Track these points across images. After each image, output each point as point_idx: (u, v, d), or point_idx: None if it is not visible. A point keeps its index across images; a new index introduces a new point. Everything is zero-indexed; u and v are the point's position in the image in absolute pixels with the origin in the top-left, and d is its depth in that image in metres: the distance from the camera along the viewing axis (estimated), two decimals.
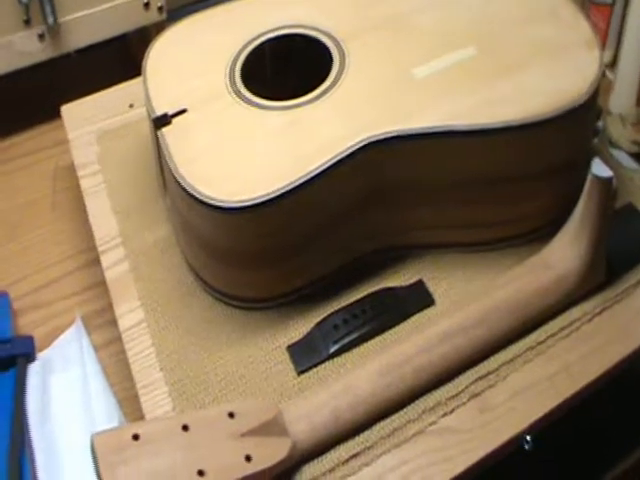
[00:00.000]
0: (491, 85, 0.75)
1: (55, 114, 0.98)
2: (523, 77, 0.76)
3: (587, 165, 0.70)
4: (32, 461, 0.74)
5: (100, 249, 0.83)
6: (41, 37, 1.00)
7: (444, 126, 0.72)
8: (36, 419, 0.76)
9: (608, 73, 1.01)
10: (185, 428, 0.61)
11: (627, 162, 0.92)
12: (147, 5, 1.05)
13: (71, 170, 0.92)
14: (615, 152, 0.92)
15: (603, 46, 1.03)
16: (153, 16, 1.07)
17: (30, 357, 0.82)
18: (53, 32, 1.00)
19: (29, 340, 0.83)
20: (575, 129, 0.77)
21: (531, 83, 0.75)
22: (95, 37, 1.05)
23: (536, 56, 0.77)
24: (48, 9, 0.97)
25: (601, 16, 1.01)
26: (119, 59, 1.13)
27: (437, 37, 0.80)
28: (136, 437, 0.59)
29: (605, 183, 0.70)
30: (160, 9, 1.07)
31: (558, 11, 0.82)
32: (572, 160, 0.79)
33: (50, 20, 0.98)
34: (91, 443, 0.59)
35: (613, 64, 1.01)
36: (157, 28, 1.08)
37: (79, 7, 1.01)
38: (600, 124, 0.95)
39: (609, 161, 0.88)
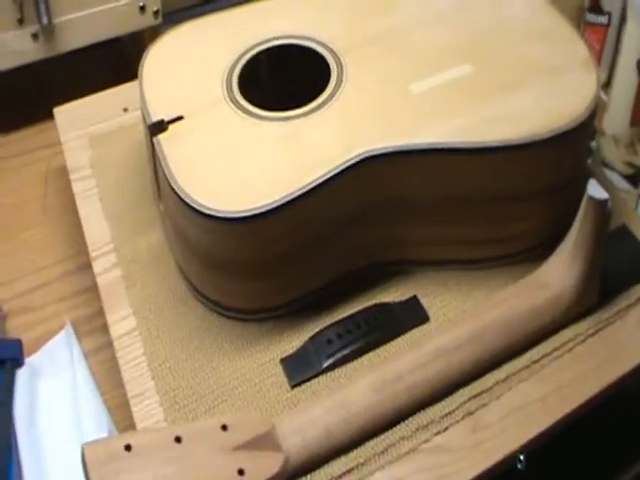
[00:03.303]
0: (488, 103, 0.75)
1: (48, 115, 0.97)
2: (520, 96, 0.76)
3: (581, 185, 0.71)
4: (19, 467, 0.73)
5: (92, 255, 0.82)
6: (35, 37, 0.99)
7: (441, 143, 0.72)
8: (23, 424, 0.75)
9: (602, 94, 1.02)
10: (178, 440, 0.60)
11: (620, 183, 0.92)
12: (143, 9, 1.05)
13: (63, 172, 0.91)
14: (608, 173, 0.93)
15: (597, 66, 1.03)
16: (148, 20, 1.07)
17: (18, 361, 0.81)
18: (47, 32, 0.99)
19: (17, 343, 0.82)
20: (571, 150, 0.77)
21: (528, 103, 0.75)
22: (89, 39, 1.04)
23: (533, 76, 0.77)
24: (42, 9, 0.96)
25: (596, 37, 1.02)
26: (111, 62, 1.12)
27: (434, 53, 0.80)
28: (128, 448, 0.59)
29: (601, 205, 0.70)
30: (156, 13, 1.06)
31: (555, 31, 0.82)
32: (567, 180, 0.79)
33: (44, 20, 0.97)
34: (82, 453, 0.58)
35: (607, 85, 1.02)
36: (151, 32, 1.08)
37: (74, 8, 1.00)
38: (594, 144, 0.95)
39: (602, 182, 0.88)
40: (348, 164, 0.70)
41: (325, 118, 0.74)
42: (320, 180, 0.69)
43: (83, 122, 0.95)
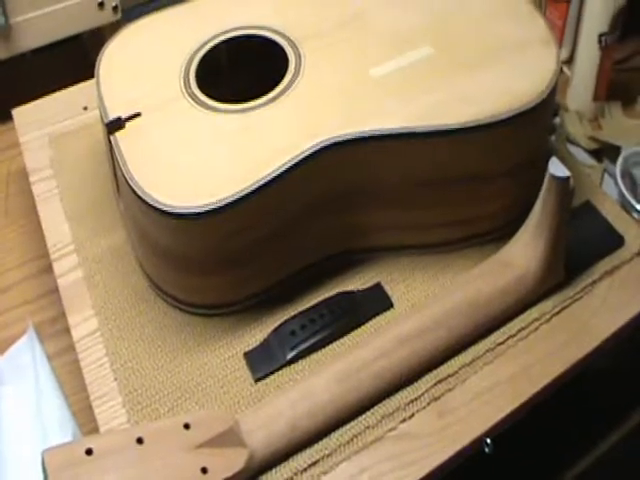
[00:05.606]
0: (448, 85, 0.75)
1: (7, 117, 0.96)
2: (481, 76, 0.75)
3: (545, 163, 0.70)
4: None
5: (53, 256, 0.81)
6: None
7: (402, 128, 0.71)
8: None
9: (565, 69, 1.02)
10: (139, 441, 0.60)
11: (584, 159, 0.92)
12: (101, 5, 1.04)
13: (24, 174, 0.90)
14: (573, 149, 0.92)
15: (560, 42, 1.03)
16: (108, 16, 1.05)
17: None
18: (4, 33, 0.98)
19: None
20: (533, 127, 0.77)
21: (489, 82, 0.75)
22: (48, 38, 1.03)
23: (493, 55, 0.77)
24: None
25: (558, 13, 1.01)
26: (73, 60, 1.11)
27: (394, 37, 0.79)
28: (89, 452, 0.58)
29: (562, 183, 0.69)
30: (115, 9, 1.05)
31: (515, 9, 0.81)
32: (530, 158, 0.79)
33: (1, 21, 0.96)
34: (42, 460, 0.57)
35: (570, 60, 1.01)
36: (112, 28, 1.06)
37: (31, 7, 0.99)
38: (557, 121, 0.95)
39: (566, 158, 0.88)
40: (307, 153, 0.70)
41: (282, 108, 0.74)
42: (278, 172, 0.69)
43: (43, 122, 0.94)
